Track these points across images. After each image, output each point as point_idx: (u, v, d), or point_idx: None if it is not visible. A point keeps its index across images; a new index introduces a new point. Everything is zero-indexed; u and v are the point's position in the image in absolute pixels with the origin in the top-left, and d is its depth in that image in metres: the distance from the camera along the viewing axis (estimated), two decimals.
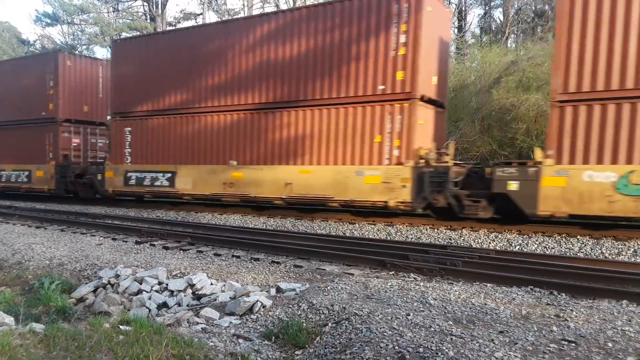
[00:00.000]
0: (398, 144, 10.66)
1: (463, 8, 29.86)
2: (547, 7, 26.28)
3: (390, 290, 5.27)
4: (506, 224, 9.82)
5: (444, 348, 3.50)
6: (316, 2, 15.87)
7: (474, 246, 8.76)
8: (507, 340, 3.71)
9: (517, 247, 8.71)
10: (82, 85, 17.75)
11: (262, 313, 4.74)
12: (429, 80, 11.11)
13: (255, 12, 32.79)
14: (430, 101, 11.22)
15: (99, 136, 18.54)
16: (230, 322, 4.59)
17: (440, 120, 11.98)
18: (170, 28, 32.97)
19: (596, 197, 8.54)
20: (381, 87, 10.89)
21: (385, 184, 10.65)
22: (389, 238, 9.82)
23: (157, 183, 14.34)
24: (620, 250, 8.08)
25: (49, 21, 36.70)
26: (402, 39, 10.60)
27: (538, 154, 9.27)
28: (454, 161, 10.77)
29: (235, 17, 30.70)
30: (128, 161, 15.05)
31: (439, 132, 11.97)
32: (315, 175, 11.57)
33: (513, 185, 9.29)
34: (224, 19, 30.97)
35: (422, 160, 10.47)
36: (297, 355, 3.93)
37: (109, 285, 6.37)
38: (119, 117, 15.28)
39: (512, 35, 27.26)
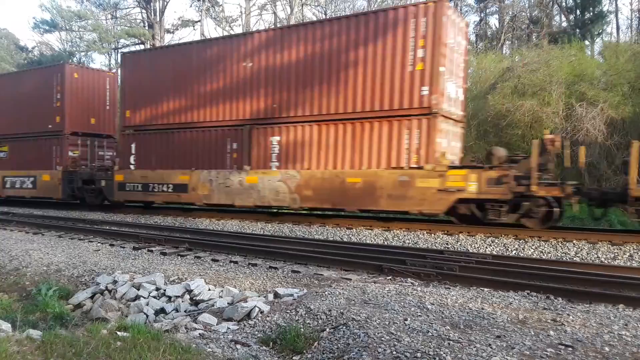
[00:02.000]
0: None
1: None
2: (542, 14, 26.52)
3: (387, 295, 5.28)
4: (502, 227, 9.88)
5: (442, 353, 3.51)
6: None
7: (471, 251, 8.77)
8: (505, 345, 3.72)
9: (514, 251, 8.73)
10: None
11: (259, 318, 4.74)
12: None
13: (253, 19, 32.98)
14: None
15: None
16: (228, 328, 4.59)
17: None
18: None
19: None
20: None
21: None
22: (386, 243, 9.83)
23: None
24: (616, 254, 8.12)
25: (47, 28, 36.73)
26: None
27: None
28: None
29: None
30: None
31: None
32: None
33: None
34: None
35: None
36: None
37: (106, 292, 6.36)
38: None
39: (508, 42, 27.46)
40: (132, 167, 15.00)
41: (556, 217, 9.50)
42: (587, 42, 22.95)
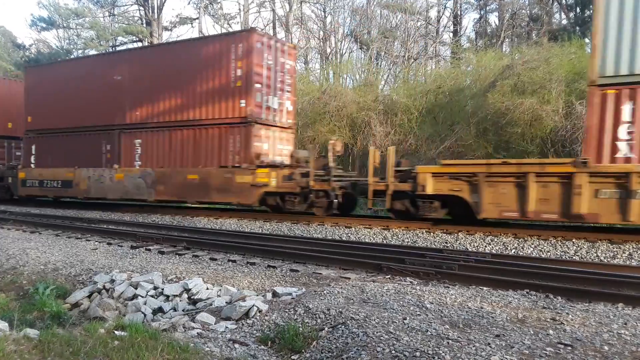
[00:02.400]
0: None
1: (458, 12, 30.07)
2: (542, 11, 26.50)
3: (386, 294, 5.27)
4: (498, 226, 9.87)
5: (441, 352, 3.50)
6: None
7: (470, 249, 8.77)
8: (504, 344, 3.71)
9: (513, 250, 8.73)
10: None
11: (258, 318, 4.73)
12: None
13: (251, 17, 32.90)
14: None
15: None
16: (226, 327, 4.57)
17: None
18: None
19: None
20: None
21: None
22: (385, 242, 9.82)
23: None
24: (616, 253, 8.12)
25: (44, 25, 36.58)
26: None
27: None
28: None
29: None
30: None
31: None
32: None
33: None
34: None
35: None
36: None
37: (104, 290, 6.34)
38: None
39: (507, 40, 27.43)
40: (32, 165, 17.55)
41: (335, 207, 11.58)
42: (587, 40, 22.92)
